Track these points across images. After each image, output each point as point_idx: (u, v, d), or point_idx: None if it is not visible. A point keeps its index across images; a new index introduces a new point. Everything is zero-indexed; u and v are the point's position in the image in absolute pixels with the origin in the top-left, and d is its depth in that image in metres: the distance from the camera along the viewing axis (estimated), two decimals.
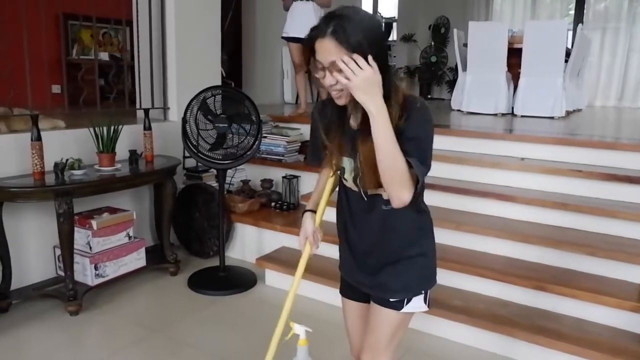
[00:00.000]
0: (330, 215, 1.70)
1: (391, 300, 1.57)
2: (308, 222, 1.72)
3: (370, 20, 1.36)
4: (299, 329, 2.08)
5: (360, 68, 1.25)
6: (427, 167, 1.38)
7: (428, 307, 1.62)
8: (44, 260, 3.22)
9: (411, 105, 1.37)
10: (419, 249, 1.57)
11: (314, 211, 1.75)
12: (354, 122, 1.47)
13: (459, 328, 2.71)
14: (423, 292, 1.59)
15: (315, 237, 1.71)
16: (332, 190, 1.76)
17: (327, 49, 1.30)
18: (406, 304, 1.57)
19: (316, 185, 1.79)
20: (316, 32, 1.32)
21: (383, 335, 1.62)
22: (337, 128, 1.49)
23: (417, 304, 1.58)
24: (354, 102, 1.36)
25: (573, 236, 2.93)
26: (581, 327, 2.56)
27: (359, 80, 1.26)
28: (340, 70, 1.27)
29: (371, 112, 1.29)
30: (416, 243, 1.57)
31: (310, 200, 1.78)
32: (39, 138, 2.83)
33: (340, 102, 1.40)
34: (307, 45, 1.36)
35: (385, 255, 1.57)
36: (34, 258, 3.17)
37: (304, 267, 1.77)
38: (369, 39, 1.29)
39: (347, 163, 1.50)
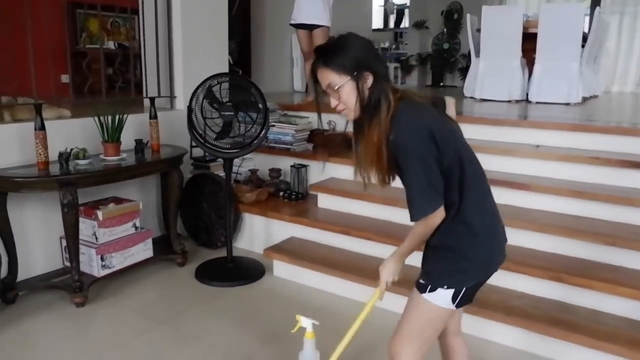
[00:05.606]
0: (346, 207, 1.62)
1: (420, 280, 1.62)
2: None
3: (352, 42, 1.52)
4: (305, 322, 2.04)
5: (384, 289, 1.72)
6: (419, 203, 1.48)
7: (456, 307, 1.60)
8: (50, 251, 3.19)
9: (393, 121, 1.47)
10: (450, 244, 1.58)
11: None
12: None
13: (471, 320, 2.63)
14: (447, 287, 1.56)
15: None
16: None
17: (322, 77, 1.53)
18: (429, 291, 1.58)
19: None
20: (314, 66, 1.54)
21: (407, 316, 1.65)
22: None
23: (441, 297, 1.57)
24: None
25: (589, 225, 2.83)
26: (598, 319, 2.48)
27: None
28: (335, 91, 1.51)
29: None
30: (448, 238, 1.57)
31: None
32: (42, 127, 2.79)
33: (350, 117, 1.58)
34: (314, 79, 1.56)
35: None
36: (40, 249, 3.15)
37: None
38: (351, 58, 1.49)
39: None
